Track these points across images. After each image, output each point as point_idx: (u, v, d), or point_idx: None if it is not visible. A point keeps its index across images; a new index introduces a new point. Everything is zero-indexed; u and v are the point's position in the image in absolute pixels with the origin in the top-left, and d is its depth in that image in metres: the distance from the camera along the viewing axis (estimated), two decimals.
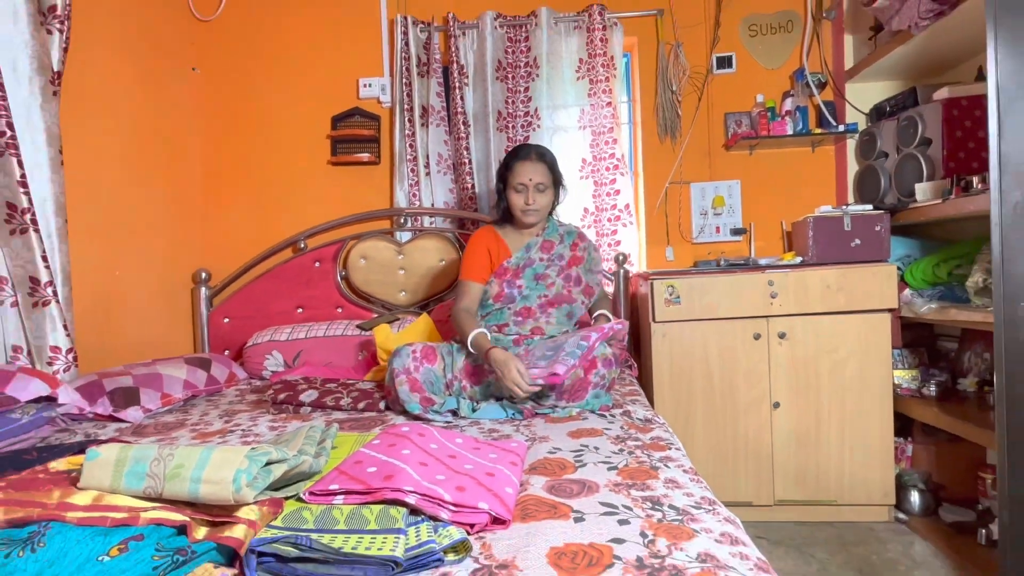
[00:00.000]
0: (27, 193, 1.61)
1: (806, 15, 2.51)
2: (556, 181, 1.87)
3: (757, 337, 2.05)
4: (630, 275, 2.43)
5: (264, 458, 0.86)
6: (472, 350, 1.64)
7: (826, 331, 2.03)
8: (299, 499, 0.89)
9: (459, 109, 2.45)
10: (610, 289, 2.43)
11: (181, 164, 2.48)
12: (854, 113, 2.45)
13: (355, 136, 2.55)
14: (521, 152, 1.84)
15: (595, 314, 1.86)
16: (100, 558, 0.71)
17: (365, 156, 2.54)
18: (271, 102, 2.61)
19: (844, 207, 2.15)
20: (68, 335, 1.70)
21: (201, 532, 0.77)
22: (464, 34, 2.50)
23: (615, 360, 1.64)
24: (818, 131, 2.41)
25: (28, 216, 1.61)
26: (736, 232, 2.55)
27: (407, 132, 2.50)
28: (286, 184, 2.61)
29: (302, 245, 2.54)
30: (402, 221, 2.52)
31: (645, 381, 2.17)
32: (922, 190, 2.00)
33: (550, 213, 1.95)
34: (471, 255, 1.86)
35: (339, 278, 2.49)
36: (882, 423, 2.02)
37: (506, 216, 1.90)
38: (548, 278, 1.82)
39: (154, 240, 2.29)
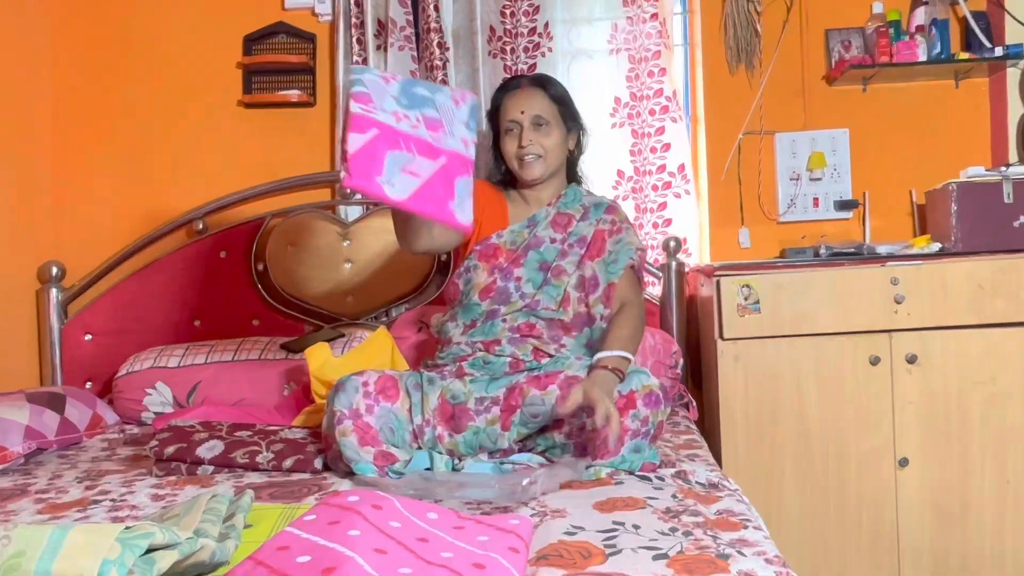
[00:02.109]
0: None
1: None
2: (569, 119, 1.89)
3: (875, 361, 2.05)
4: (685, 270, 2.43)
5: (145, 542, 0.86)
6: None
7: (977, 353, 2.03)
8: None
9: (432, 24, 2.45)
10: (656, 290, 2.43)
11: (21, 117, 2.47)
12: (1018, 30, 2.45)
13: (279, 64, 2.56)
14: (510, 83, 1.93)
15: (599, 356, 1.59)
16: None
17: (294, 94, 2.54)
18: (152, 19, 2.61)
19: (1003, 169, 2.15)
20: None
21: None
22: None
23: (664, 396, 1.63)
24: (964, 56, 2.41)
25: None
26: (843, 206, 2.55)
27: (355, 59, 2.50)
28: (176, 139, 2.62)
29: (199, 227, 2.54)
30: (348, 191, 2.52)
31: (709, 427, 2.17)
32: None
33: (575, 174, 1.95)
34: None
35: (254, 274, 2.49)
36: None
37: (509, 180, 1.94)
38: (564, 276, 1.81)
39: None
